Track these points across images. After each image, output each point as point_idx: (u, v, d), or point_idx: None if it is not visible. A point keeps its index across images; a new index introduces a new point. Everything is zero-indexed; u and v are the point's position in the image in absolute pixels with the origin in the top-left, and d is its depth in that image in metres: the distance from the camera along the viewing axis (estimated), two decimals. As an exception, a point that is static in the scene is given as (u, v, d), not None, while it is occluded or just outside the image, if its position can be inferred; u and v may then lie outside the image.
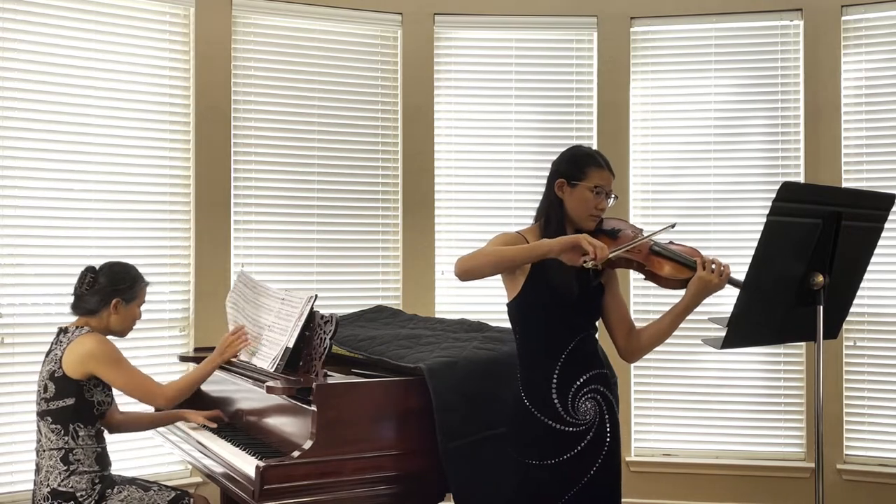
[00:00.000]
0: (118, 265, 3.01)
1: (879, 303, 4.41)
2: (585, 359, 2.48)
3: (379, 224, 4.72)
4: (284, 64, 4.57)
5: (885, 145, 4.45)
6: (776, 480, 4.51)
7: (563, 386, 2.43)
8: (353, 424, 2.61)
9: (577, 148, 2.57)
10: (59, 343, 2.88)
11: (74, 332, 2.88)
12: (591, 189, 2.45)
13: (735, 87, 4.69)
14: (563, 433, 2.42)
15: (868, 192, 2.50)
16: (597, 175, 2.46)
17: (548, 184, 2.53)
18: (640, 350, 2.58)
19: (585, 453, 2.43)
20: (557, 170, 2.51)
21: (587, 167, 2.47)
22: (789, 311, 2.30)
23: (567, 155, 2.53)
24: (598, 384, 2.48)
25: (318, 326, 2.84)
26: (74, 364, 2.81)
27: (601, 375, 2.50)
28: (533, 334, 2.48)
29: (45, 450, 2.85)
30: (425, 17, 4.71)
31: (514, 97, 4.81)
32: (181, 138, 4.33)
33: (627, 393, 4.62)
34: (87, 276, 2.94)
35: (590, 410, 2.45)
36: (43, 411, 2.86)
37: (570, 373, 2.44)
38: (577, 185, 2.46)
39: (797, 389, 4.54)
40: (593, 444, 2.44)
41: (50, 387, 2.84)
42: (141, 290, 3.02)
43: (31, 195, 3.91)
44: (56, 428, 2.84)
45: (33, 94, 3.92)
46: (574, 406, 2.43)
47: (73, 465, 2.83)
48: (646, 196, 4.72)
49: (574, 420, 2.43)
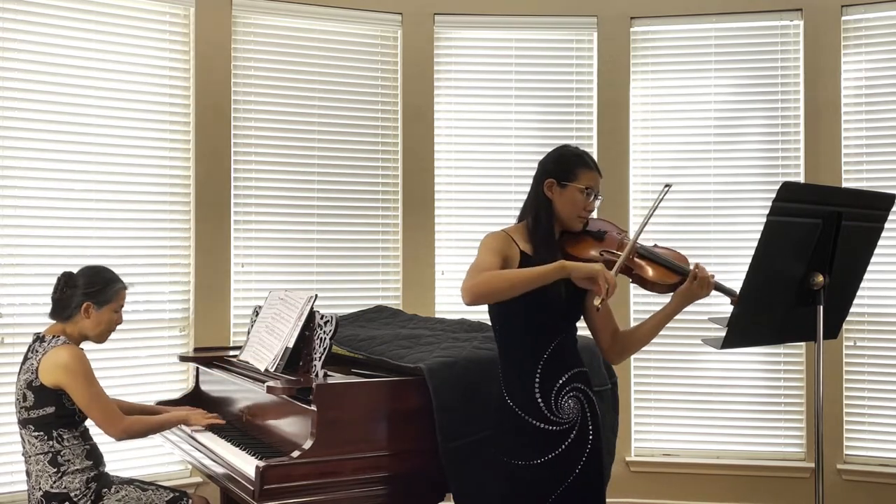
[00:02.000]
0: (91, 268, 2.98)
1: (879, 303, 4.41)
2: (567, 357, 2.47)
3: (379, 224, 4.72)
4: (284, 64, 4.57)
5: (885, 145, 4.45)
6: (776, 480, 4.51)
7: (546, 385, 2.43)
8: (353, 424, 2.61)
9: (566, 148, 2.55)
10: (34, 352, 2.86)
11: (51, 341, 2.85)
12: (581, 190, 2.45)
13: (735, 87, 4.69)
14: (547, 432, 2.42)
15: (868, 192, 2.50)
16: (587, 176, 2.46)
17: (535, 183, 2.52)
18: (624, 351, 2.59)
19: (570, 452, 2.43)
20: (546, 170, 2.50)
21: (577, 168, 2.46)
22: (789, 311, 2.30)
23: (556, 155, 2.52)
24: (580, 382, 2.48)
25: (318, 326, 2.84)
26: (48, 374, 2.79)
27: (582, 374, 2.50)
28: (516, 334, 2.47)
29: (32, 455, 2.84)
30: (425, 17, 4.72)
31: (514, 97, 4.81)
32: (181, 138, 4.33)
33: (627, 393, 4.62)
34: (61, 282, 2.93)
35: (573, 409, 2.44)
36: (24, 419, 2.84)
37: (553, 372, 2.44)
38: (568, 185, 2.46)
39: (797, 389, 4.54)
40: (577, 442, 2.44)
41: (29, 396, 2.82)
42: (115, 294, 2.95)
43: (32, 195, 3.91)
44: (39, 435, 2.82)
45: (33, 94, 3.92)
46: (557, 405, 2.43)
47: (63, 467, 2.82)
48: (646, 196, 4.72)
49: (557, 419, 2.43)
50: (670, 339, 4.64)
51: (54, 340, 2.85)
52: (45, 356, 2.81)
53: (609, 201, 4.68)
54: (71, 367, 2.78)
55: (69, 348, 2.83)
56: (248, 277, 4.46)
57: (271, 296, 3.26)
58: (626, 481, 4.56)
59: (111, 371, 3.87)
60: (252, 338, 3.24)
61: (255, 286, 4.45)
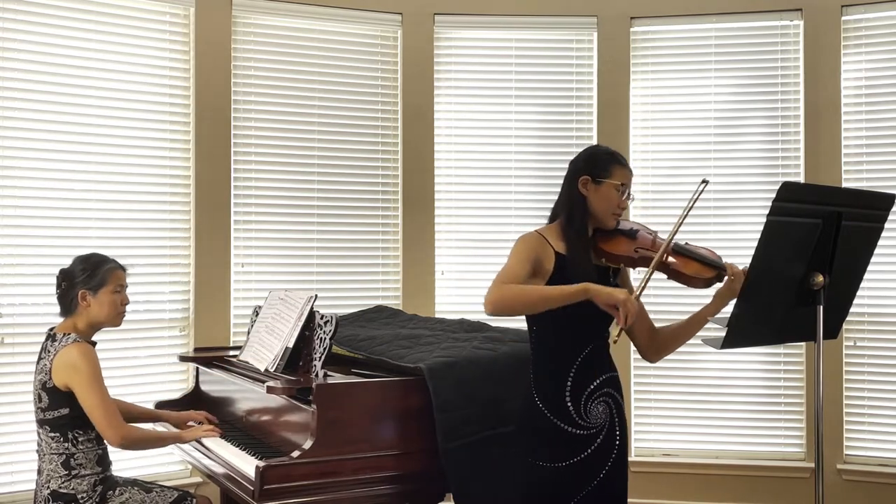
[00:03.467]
0: (80, 257, 2.98)
1: (879, 303, 4.41)
2: (600, 363, 2.48)
3: (379, 224, 4.72)
4: (284, 64, 4.57)
5: (885, 145, 4.45)
6: (776, 480, 4.51)
7: (577, 390, 2.43)
8: (353, 424, 2.61)
9: (598, 147, 2.59)
10: (47, 352, 2.86)
11: (62, 339, 2.85)
12: (616, 187, 2.47)
13: (735, 87, 4.69)
14: (575, 436, 2.43)
15: (868, 192, 2.50)
16: (621, 173, 2.49)
17: (568, 182, 2.52)
18: (663, 350, 2.60)
19: (596, 456, 2.43)
20: (579, 167, 2.51)
21: (611, 165, 2.49)
22: (789, 311, 2.30)
23: (589, 153, 2.54)
24: (611, 388, 2.48)
25: (318, 326, 2.85)
26: (59, 375, 2.80)
27: (613, 379, 2.50)
28: (550, 338, 2.47)
29: (46, 454, 2.85)
30: (425, 17, 4.72)
31: (514, 97, 4.81)
32: (181, 138, 4.33)
33: (628, 393, 4.60)
34: (58, 279, 2.95)
35: (601, 414, 2.45)
36: (41, 420, 2.85)
37: (585, 377, 2.44)
38: (603, 182, 2.47)
39: (797, 389, 4.54)
40: (604, 446, 2.45)
41: (43, 397, 2.83)
42: (109, 274, 2.93)
43: (32, 195, 3.91)
44: (55, 436, 2.83)
45: (33, 94, 3.91)
46: (587, 410, 2.43)
47: (74, 470, 2.82)
48: (646, 196, 4.72)
49: (586, 423, 2.43)
50: (670, 339, 4.65)
51: (65, 339, 2.85)
52: (57, 356, 2.81)
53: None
54: (78, 366, 2.78)
55: (79, 346, 2.83)
56: (248, 277, 4.46)
57: (271, 296, 3.26)
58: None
59: (111, 371, 3.86)
60: (252, 338, 3.24)
61: (255, 286, 4.44)
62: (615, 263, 2.50)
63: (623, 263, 2.50)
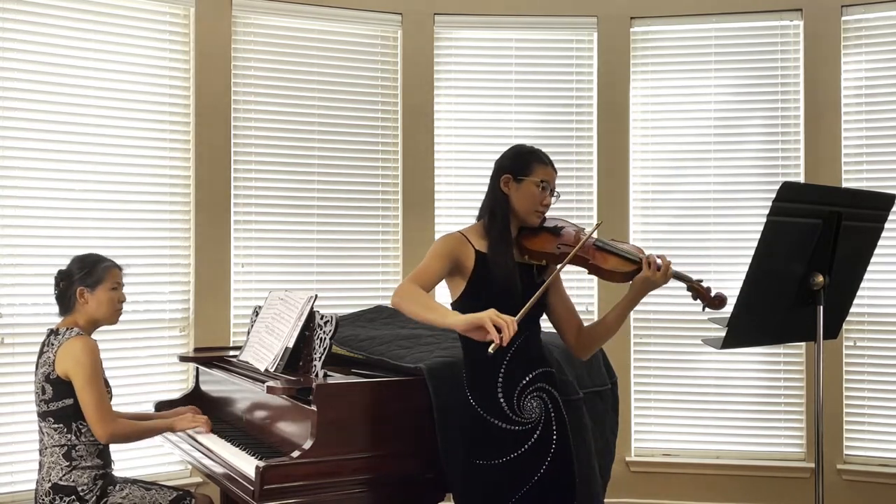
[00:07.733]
0: (77, 257, 3.02)
1: (879, 303, 4.41)
2: (531, 358, 2.47)
3: (379, 224, 4.72)
4: (284, 64, 4.57)
5: (885, 145, 4.45)
6: (776, 480, 4.51)
7: (509, 385, 2.43)
8: (353, 424, 2.61)
9: (521, 146, 2.60)
10: (50, 346, 2.89)
11: (65, 333, 2.89)
12: (536, 184, 2.48)
13: (735, 87, 4.69)
14: (509, 432, 2.42)
15: (868, 192, 2.50)
16: (542, 171, 2.50)
17: (492, 181, 2.55)
18: (591, 345, 2.61)
19: (532, 452, 2.42)
20: (502, 166, 2.54)
21: (532, 163, 2.51)
22: (789, 311, 2.30)
23: (511, 152, 2.57)
24: (544, 382, 2.47)
25: (318, 326, 2.84)
26: (60, 364, 2.83)
27: (547, 374, 2.49)
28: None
29: (48, 447, 2.87)
30: (425, 17, 4.71)
31: (514, 97, 4.81)
32: (181, 138, 4.33)
33: (627, 393, 4.62)
34: (57, 279, 2.98)
35: (535, 409, 2.44)
36: (44, 412, 2.87)
37: (516, 372, 2.43)
38: (524, 180, 2.49)
39: (797, 389, 4.54)
40: (540, 443, 2.43)
41: (47, 389, 2.85)
42: (105, 272, 2.96)
43: (31, 195, 3.91)
44: (59, 427, 2.85)
45: (33, 94, 3.92)
46: (520, 405, 2.43)
47: (75, 461, 2.84)
48: (646, 196, 4.72)
49: (519, 419, 2.42)
50: (670, 338, 4.65)
51: (68, 332, 2.88)
52: (61, 347, 2.84)
53: (609, 201, 4.69)
54: (79, 357, 2.81)
55: (82, 339, 2.86)
56: (248, 277, 4.46)
57: (271, 296, 3.26)
58: (626, 481, 4.56)
59: (111, 371, 3.83)
60: (252, 338, 3.24)
61: (255, 286, 4.45)
62: (538, 260, 2.52)
63: (545, 260, 2.51)
